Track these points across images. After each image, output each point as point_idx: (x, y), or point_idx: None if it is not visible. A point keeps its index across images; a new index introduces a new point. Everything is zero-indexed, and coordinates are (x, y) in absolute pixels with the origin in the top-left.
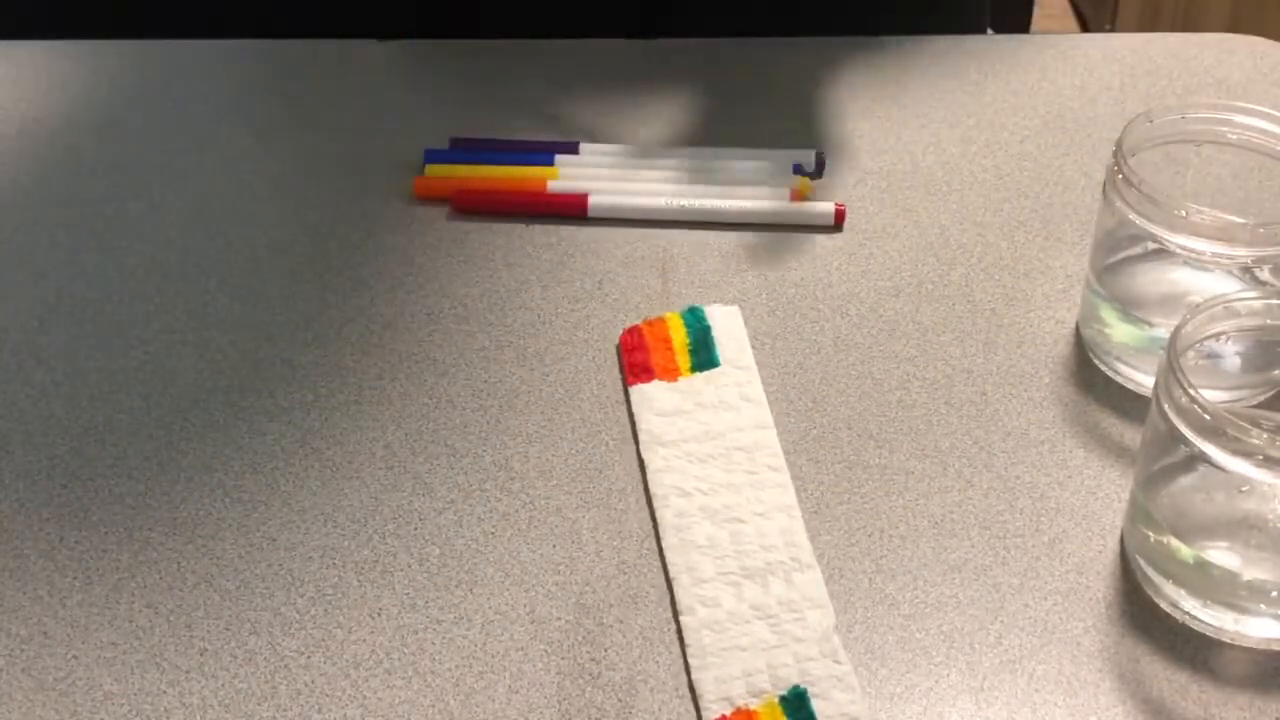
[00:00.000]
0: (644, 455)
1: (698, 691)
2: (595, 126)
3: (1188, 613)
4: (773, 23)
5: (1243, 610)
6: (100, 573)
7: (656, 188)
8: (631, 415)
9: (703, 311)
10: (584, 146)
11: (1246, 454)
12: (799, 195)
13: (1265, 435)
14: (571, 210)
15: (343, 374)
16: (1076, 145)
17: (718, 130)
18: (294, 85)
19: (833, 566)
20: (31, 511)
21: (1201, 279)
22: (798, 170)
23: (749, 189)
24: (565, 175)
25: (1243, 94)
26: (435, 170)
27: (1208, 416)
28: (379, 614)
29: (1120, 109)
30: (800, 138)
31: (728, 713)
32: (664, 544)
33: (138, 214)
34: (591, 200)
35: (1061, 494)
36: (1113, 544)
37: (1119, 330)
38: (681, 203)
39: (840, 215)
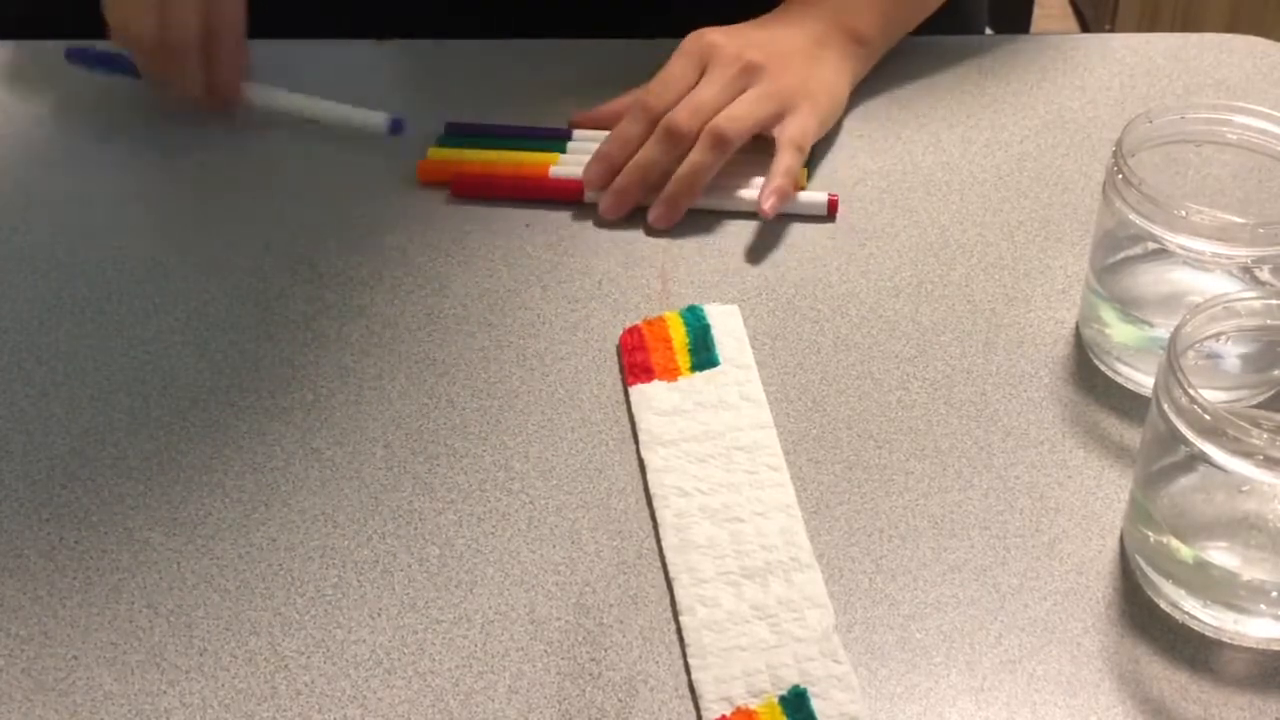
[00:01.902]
0: (644, 455)
1: (698, 691)
2: None
3: (1188, 613)
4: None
5: (1243, 610)
6: (100, 573)
7: None
8: (631, 415)
9: (702, 311)
10: (577, 134)
11: (1246, 454)
12: (795, 186)
13: (1265, 435)
14: (569, 196)
15: (343, 374)
16: (1076, 145)
17: None
18: (295, 85)
19: (833, 566)
20: (31, 511)
21: (1201, 279)
22: None
23: (747, 180)
24: (566, 162)
25: (1243, 94)
26: (439, 153)
27: (1208, 416)
28: (379, 614)
29: (1120, 109)
30: None
31: (728, 713)
32: (664, 544)
33: (138, 214)
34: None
35: (1061, 494)
36: (1113, 544)
37: (1119, 330)
38: None
39: (833, 205)
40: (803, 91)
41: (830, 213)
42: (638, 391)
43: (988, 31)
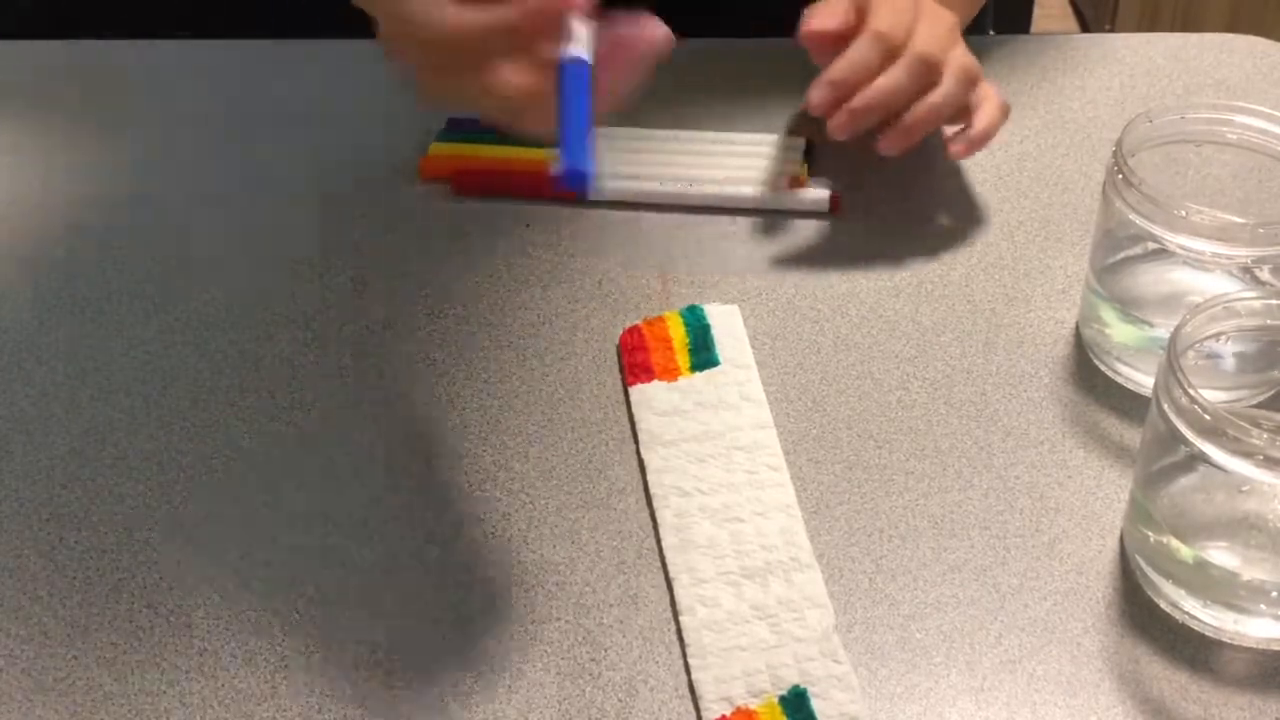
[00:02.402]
0: (644, 455)
1: (698, 691)
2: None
3: (1188, 613)
4: (773, 24)
5: (1243, 610)
6: (100, 573)
7: (656, 171)
8: (631, 415)
9: (702, 310)
10: None
11: (1246, 454)
12: (797, 182)
13: (1265, 435)
14: (570, 192)
15: (343, 374)
16: (1076, 145)
17: (718, 129)
18: (294, 84)
19: (833, 566)
20: (31, 511)
21: (1201, 279)
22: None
23: (747, 175)
24: None
25: (1243, 94)
26: (440, 149)
27: (1208, 416)
28: (379, 614)
29: (1120, 109)
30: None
31: (728, 713)
32: (664, 544)
33: (138, 214)
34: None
35: (1061, 494)
36: (1113, 544)
37: (1119, 330)
38: (680, 186)
39: (835, 202)
40: None
41: (832, 209)
42: (638, 391)
43: (989, 32)
